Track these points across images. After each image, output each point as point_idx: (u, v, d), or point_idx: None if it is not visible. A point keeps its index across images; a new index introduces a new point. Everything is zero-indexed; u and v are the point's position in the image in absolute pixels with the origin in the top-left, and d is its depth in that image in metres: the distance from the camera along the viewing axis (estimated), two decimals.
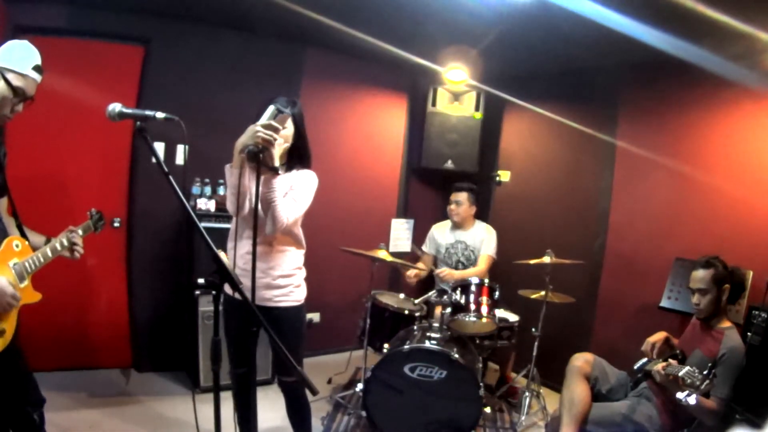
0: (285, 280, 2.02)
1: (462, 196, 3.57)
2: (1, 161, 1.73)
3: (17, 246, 1.68)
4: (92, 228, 2.01)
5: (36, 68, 1.65)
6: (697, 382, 1.88)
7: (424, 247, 3.80)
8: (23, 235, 1.75)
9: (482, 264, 3.52)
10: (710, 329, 2.24)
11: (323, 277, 3.81)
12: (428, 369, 2.55)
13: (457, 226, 3.66)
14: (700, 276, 2.23)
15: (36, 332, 2.94)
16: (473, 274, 3.29)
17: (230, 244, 2.01)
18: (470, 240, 3.61)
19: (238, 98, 3.25)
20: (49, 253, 1.76)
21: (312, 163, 2.10)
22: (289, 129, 1.93)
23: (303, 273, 2.12)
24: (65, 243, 1.82)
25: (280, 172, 1.86)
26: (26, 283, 1.69)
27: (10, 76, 1.59)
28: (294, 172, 2.01)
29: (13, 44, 1.63)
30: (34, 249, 1.74)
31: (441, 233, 3.73)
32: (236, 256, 1.95)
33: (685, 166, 3.07)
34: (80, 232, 1.91)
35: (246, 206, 1.88)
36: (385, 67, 3.98)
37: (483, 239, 3.58)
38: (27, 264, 1.68)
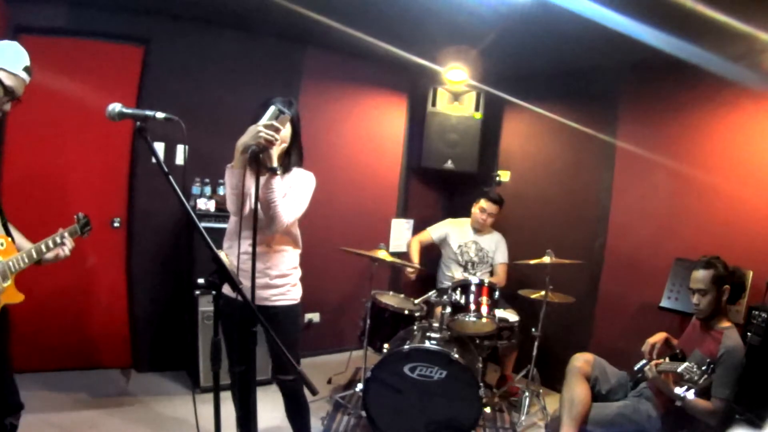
0: (282, 280, 2.03)
1: (494, 209, 3.60)
2: None
3: (2, 245, 1.66)
4: (78, 232, 1.98)
5: (26, 69, 1.67)
6: (696, 377, 1.89)
7: (430, 228, 3.81)
8: (8, 233, 1.72)
9: (502, 273, 3.64)
10: (710, 329, 2.24)
11: (323, 277, 3.82)
12: (428, 369, 2.55)
13: (476, 230, 3.70)
14: (700, 276, 2.23)
15: (36, 332, 2.96)
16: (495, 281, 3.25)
17: (227, 244, 2.02)
18: (485, 243, 3.67)
19: (238, 98, 3.25)
20: (34, 254, 1.73)
21: (307, 163, 2.09)
22: (286, 130, 1.93)
23: (299, 272, 2.13)
24: (51, 245, 1.79)
25: (278, 172, 1.86)
26: (9, 282, 1.65)
27: (2, 75, 1.60)
28: (292, 172, 2.02)
29: (2, 44, 1.63)
30: (20, 250, 1.71)
31: (457, 231, 3.73)
32: (234, 255, 1.95)
33: (685, 166, 3.07)
34: (66, 234, 1.87)
35: (247, 206, 1.88)
36: (385, 67, 3.98)
37: (497, 247, 3.67)
38: (10, 263, 1.65)
